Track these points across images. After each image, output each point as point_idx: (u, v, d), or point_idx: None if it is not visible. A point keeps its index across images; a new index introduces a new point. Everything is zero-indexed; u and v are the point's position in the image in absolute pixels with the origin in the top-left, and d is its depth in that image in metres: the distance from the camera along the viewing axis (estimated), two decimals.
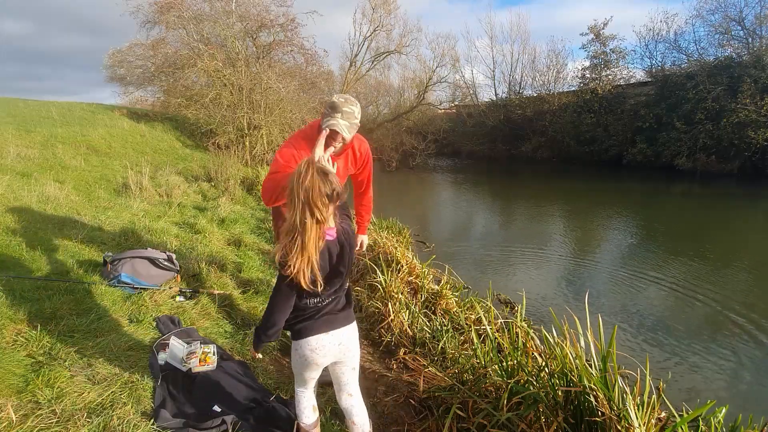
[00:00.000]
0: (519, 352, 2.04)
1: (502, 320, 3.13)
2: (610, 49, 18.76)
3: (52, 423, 1.57)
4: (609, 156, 17.78)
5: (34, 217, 3.66)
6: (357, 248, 2.57)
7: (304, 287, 1.42)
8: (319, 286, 1.44)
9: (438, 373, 2.32)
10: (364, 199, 2.55)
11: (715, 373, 3.19)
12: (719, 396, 2.87)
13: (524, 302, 2.65)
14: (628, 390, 1.62)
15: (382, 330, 2.96)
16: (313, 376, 1.66)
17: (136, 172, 5.88)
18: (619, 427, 1.54)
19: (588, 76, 19.31)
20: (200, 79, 11.89)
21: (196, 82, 12.12)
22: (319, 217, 1.36)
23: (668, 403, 1.89)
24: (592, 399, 1.63)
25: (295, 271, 1.37)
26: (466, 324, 2.94)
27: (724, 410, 1.80)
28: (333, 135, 1.95)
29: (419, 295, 3.40)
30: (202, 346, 2.25)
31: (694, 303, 4.47)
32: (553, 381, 1.80)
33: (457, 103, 24.30)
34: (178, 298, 2.83)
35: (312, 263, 1.39)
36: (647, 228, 7.91)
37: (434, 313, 3.28)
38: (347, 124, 1.97)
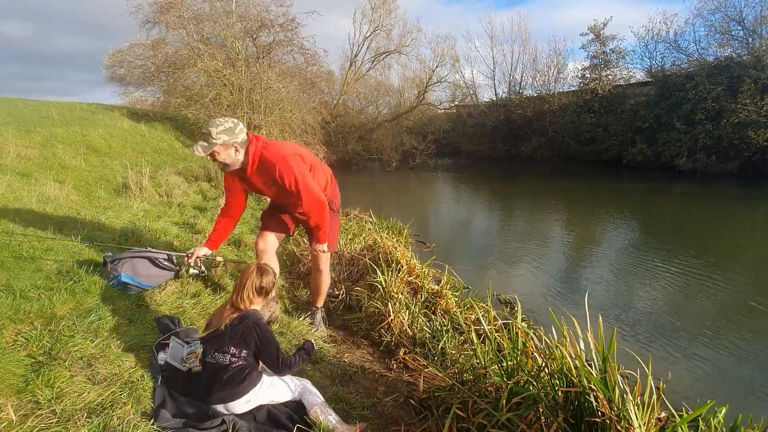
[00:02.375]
0: (519, 353, 2.04)
1: (502, 320, 3.13)
2: (610, 49, 18.79)
3: (52, 423, 1.57)
4: (609, 156, 17.79)
5: (34, 217, 3.66)
6: (313, 250, 2.73)
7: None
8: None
9: (438, 373, 2.32)
10: (303, 209, 2.54)
11: (716, 373, 3.19)
12: (719, 396, 2.87)
13: (519, 303, 2.65)
14: (628, 390, 1.62)
15: (382, 330, 2.96)
16: None
17: (136, 172, 5.88)
18: (619, 428, 1.54)
19: (588, 76, 19.35)
20: (200, 79, 11.91)
21: (196, 82, 12.13)
22: (240, 306, 1.94)
23: (668, 404, 1.89)
24: (592, 399, 1.63)
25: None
26: (466, 324, 2.94)
27: (724, 410, 1.80)
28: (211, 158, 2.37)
29: (419, 295, 3.40)
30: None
31: (694, 303, 4.47)
32: (553, 381, 1.80)
33: (457, 103, 24.33)
34: (192, 271, 2.80)
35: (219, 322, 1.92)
36: (647, 228, 7.91)
37: (434, 313, 3.27)
38: (205, 144, 2.29)
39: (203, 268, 2.90)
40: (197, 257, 2.76)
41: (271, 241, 2.76)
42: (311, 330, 2.86)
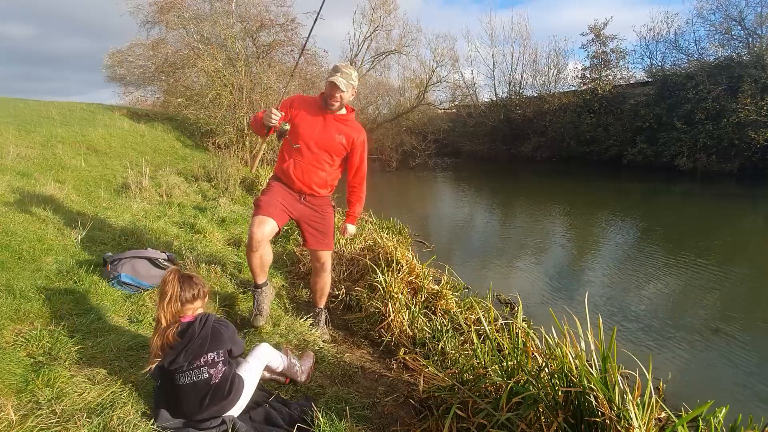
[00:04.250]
0: (519, 352, 2.04)
1: (502, 320, 3.13)
2: (610, 49, 18.78)
3: (52, 423, 1.57)
4: (609, 156, 17.78)
5: (34, 217, 3.66)
6: (344, 236, 2.86)
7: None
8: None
9: (438, 373, 2.32)
10: (354, 182, 2.75)
11: (716, 373, 3.20)
12: (720, 396, 2.87)
13: (520, 303, 2.65)
14: (628, 390, 1.62)
15: (382, 330, 2.96)
16: None
17: (136, 172, 5.88)
18: (619, 428, 1.54)
19: (588, 76, 19.33)
20: (200, 79, 11.90)
21: (196, 82, 12.13)
22: (170, 319, 1.75)
23: (665, 405, 1.88)
24: (592, 399, 1.63)
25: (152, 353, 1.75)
26: (466, 324, 2.94)
27: (724, 410, 1.80)
28: (332, 90, 2.45)
29: (419, 295, 3.40)
30: None
31: (694, 303, 4.47)
32: (553, 381, 1.80)
33: (457, 103, 24.31)
34: (286, 126, 2.60)
35: (157, 345, 1.74)
36: (647, 228, 7.91)
37: (434, 313, 3.28)
38: (345, 82, 2.43)
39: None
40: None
41: (268, 232, 2.52)
42: (312, 331, 2.86)
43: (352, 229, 2.84)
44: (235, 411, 1.82)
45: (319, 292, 2.96)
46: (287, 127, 2.56)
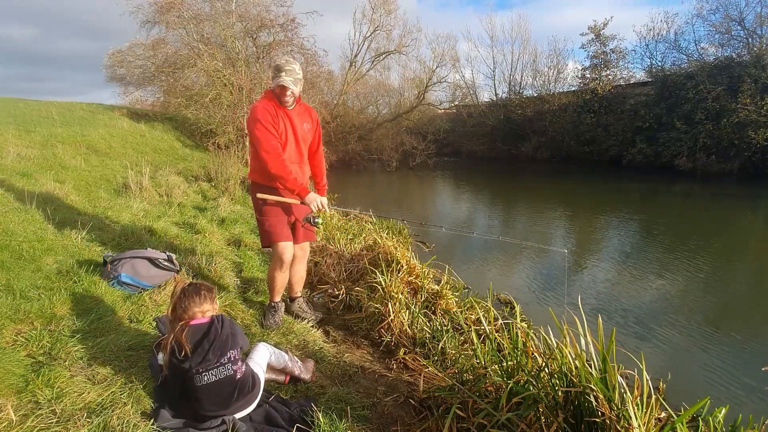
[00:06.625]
0: (519, 353, 2.04)
1: (502, 320, 3.13)
2: (610, 49, 18.78)
3: (52, 423, 1.57)
4: (609, 156, 17.77)
5: (34, 217, 3.66)
6: (319, 209, 2.73)
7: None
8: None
9: (438, 373, 2.32)
10: (316, 158, 2.92)
11: (716, 373, 3.19)
12: (720, 395, 2.87)
13: (519, 303, 2.64)
14: (627, 390, 1.62)
15: (382, 330, 2.95)
16: None
17: (136, 172, 5.88)
18: (618, 428, 1.54)
19: (588, 76, 19.34)
20: (200, 79, 11.90)
21: (196, 82, 12.13)
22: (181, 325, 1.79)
23: (665, 404, 1.89)
24: (592, 399, 1.63)
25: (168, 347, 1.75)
26: (466, 324, 2.93)
27: (724, 410, 1.80)
28: (283, 91, 2.51)
29: (419, 295, 3.39)
30: None
31: (694, 303, 4.47)
32: (553, 381, 1.80)
33: (457, 103, 24.31)
34: (320, 220, 2.69)
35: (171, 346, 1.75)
36: (647, 228, 7.90)
37: (434, 313, 3.27)
38: (292, 79, 2.49)
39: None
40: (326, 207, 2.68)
41: (291, 252, 2.75)
42: (305, 322, 2.90)
43: (326, 200, 2.77)
44: (252, 406, 1.87)
45: (300, 281, 3.05)
46: (320, 221, 2.69)
